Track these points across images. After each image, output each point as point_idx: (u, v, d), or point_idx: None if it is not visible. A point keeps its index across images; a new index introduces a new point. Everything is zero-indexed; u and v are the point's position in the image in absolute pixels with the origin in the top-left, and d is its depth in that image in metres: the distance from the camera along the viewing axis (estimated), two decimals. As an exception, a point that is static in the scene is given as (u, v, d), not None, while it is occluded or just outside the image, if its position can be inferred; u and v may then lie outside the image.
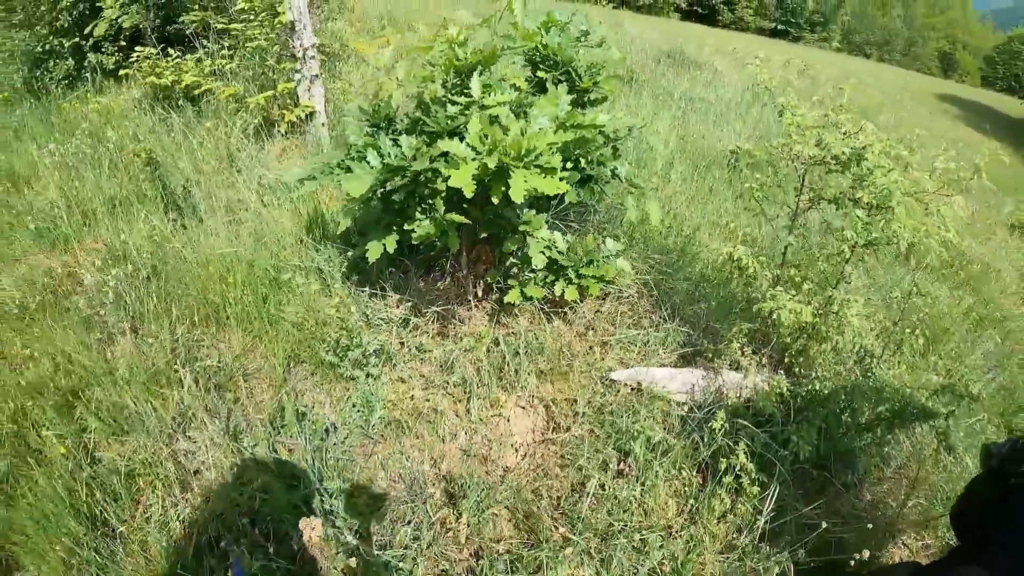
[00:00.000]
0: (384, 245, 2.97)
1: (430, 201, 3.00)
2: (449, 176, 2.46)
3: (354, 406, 2.96)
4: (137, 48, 6.25)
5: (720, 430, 2.70)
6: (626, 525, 2.57)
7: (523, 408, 3.12)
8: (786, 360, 3.24)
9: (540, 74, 3.40)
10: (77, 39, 7.10)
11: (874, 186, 2.81)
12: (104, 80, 6.98)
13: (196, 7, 6.89)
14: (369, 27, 8.39)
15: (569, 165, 3.20)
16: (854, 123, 3.06)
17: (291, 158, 5.01)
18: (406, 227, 2.99)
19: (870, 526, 2.59)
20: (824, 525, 2.44)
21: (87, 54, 7.10)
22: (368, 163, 2.87)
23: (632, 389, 3.14)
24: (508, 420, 3.06)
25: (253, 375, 3.17)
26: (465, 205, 2.97)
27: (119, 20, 6.73)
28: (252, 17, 5.77)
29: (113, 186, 4.62)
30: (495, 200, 2.57)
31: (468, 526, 2.60)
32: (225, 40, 6.39)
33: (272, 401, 3.00)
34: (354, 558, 2.37)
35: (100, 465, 2.79)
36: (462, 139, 2.66)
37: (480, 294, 3.45)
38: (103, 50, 7.07)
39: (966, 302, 4.90)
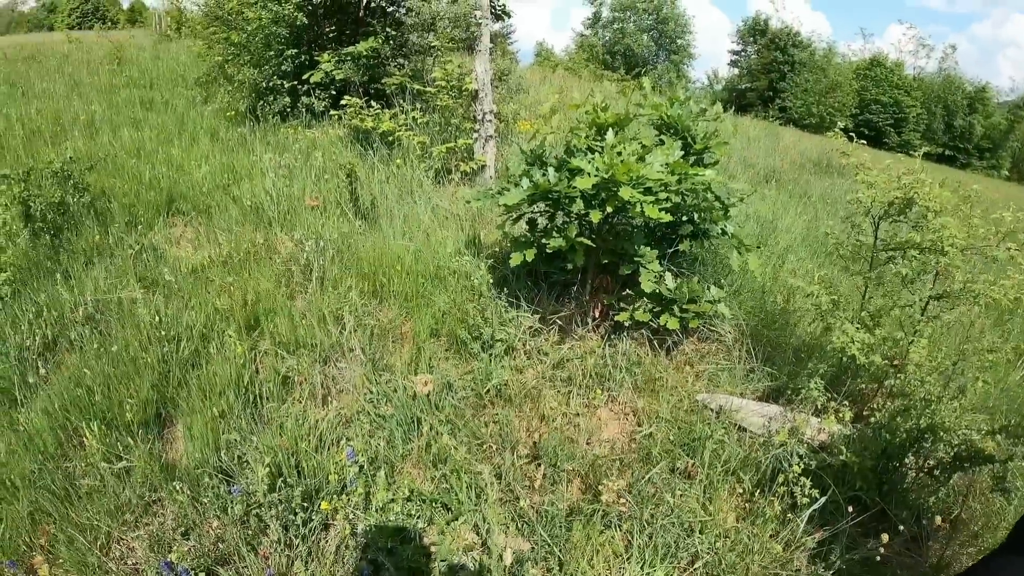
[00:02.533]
0: (524, 256, 3.77)
1: (565, 225, 3.85)
2: (581, 192, 3.33)
3: (474, 377, 3.72)
4: (345, 97, 7.52)
5: (782, 445, 3.03)
6: (681, 514, 2.89)
7: (615, 415, 3.69)
8: (863, 406, 3.50)
9: (663, 138, 4.19)
10: (295, 83, 8.53)
11: (927, 230, 3.16)
12: (313, 119, 8.36)
13: (397, 72, 8.32)
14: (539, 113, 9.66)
15: (684, 218, 3.98)
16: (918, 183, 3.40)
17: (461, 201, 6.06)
18: (543, 240, 3.83)
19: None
20: (879, 553, 2.57)
21: (301, 96, 8.51)
22: (522, 187, 3.75)
23: (714, 413, 3.56)
24: (600, 419, 3.62)
25: (400, 339, 4.03)
26: (592, 237, 3.80)
27: (333, 72, 8.16)
28: (444, 84, 7.08)
29: (317, 190, 5.81)
30: (609, 209, 3.42)
31: (544, 476, 3.18)
32: (418, 102, 7.73)
33: (410, 355, 3.84)
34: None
35: (263, 365, 3.72)
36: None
37: (597, 315, 4.15)
38: (316, 95, 8.43)
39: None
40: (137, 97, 9.29)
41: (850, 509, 2.81)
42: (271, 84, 8.67)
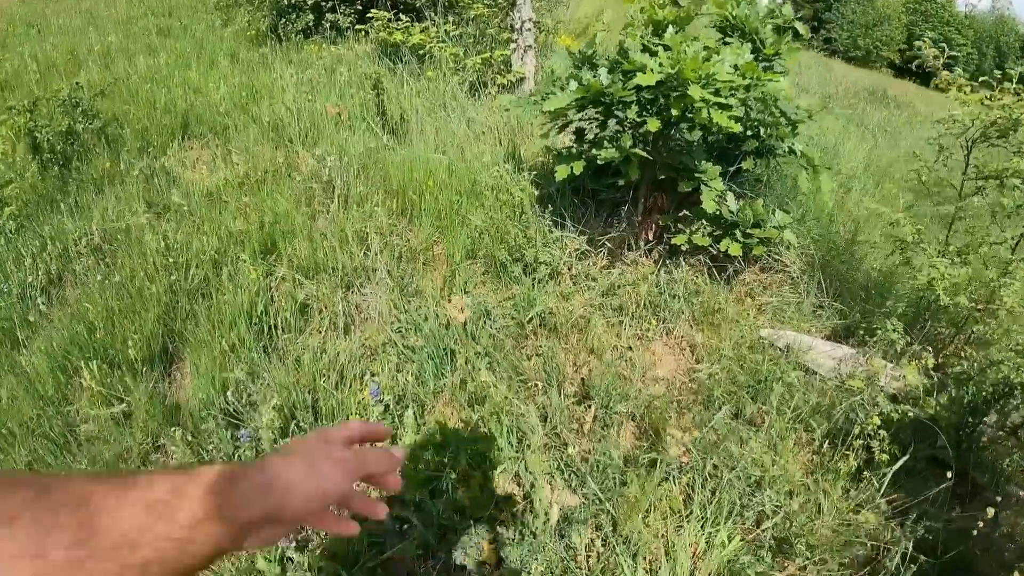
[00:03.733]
0: (571, 168, 3.27)
1: (618, 135, 3.31)
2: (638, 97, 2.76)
3: (515, 304, 3.26)
4: (372, 11, 6.97)
5: (859, 391, 2.65)
6: (747, 466, 2.54)
7: (670, 348, 3.28)
8: (938, 353, 3.11)
9: (728, 40, 3.63)
10: (319, -1, 8.00)
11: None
12: (338, 36, 7.82)
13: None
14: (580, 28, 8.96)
15: (749, 133, 3.42)
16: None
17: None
18: (593, 152, 3.29)
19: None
20: (976, 527, 2.13)
21: (326, 12, 7.92)
22: (569, 89, 3.20)
23: (782, 352, 3.17)
24: (654, 353, 3.23)
25: (432, 262, 3.57)
26: (647, 150, 3.25)
27: (358, -15, 7.56)
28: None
29: (341, 103, 5.30)
30: (674, 112, 2.86)
31: (595, 419, 2.79)
32: (450, 15, 7.07)
33: (443, 279, 3.39)
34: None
35: (279, 293, 3.30)
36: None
37: (651, 238, 3.66)
38: (341, 10, 7.85)
39: None
40: (154, 25, 8.83)
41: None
42: (293, 1, 8.12)
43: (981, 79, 3.25)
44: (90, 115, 5.23)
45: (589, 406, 2.82)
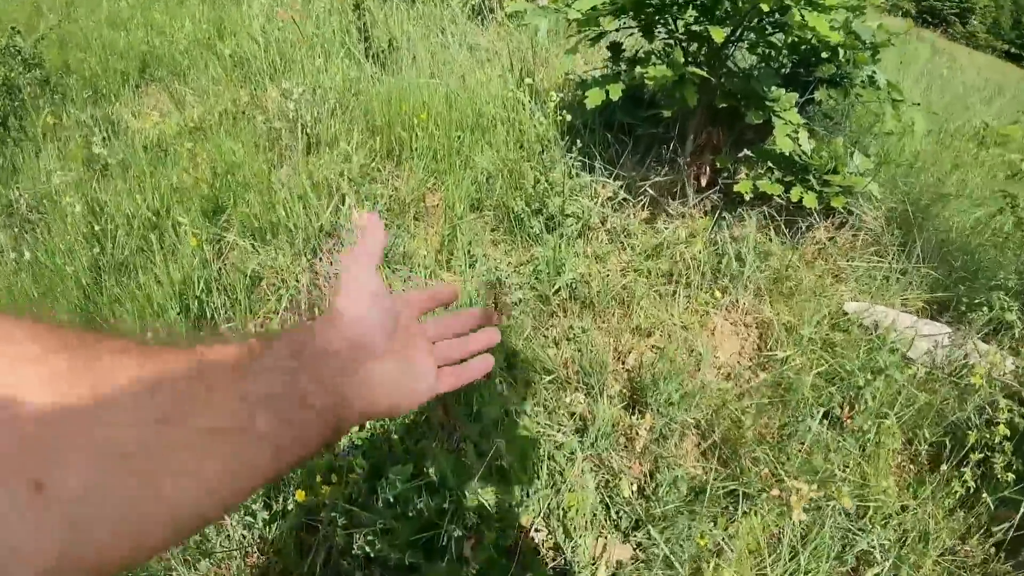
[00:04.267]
0: (607, 93, 2.45)
1: (668, 50, 2.47)
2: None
3: (535, 270, 2.46)
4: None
5: (979, 389, 2.06)
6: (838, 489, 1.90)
7: (732, 325, 2.50)
8: None
9: None
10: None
11: None
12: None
13: None
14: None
15: (825, 56, 2.63)
16: None
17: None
18: (638, 70, 2.45)
19: None
20: None
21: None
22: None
23: (871, 331, 2.44)
24: (713, 333, 2.45)
25: (428, 213, 2.77)
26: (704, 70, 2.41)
27: None
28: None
29: (317, 33, 4.44)
30: (765, 7, 2.02)
31: (650, 431, 2.03)
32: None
33: (440, 239, 2.59)
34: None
35: (226, 264, 2.51)
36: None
37: (704, 184, 2.84)
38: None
39: None
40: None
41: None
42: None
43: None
44: (31, 64, 4.48)
45: (642, 414, 2.05)
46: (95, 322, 2.47)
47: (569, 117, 2.85)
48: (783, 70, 2.86)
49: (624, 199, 2.80)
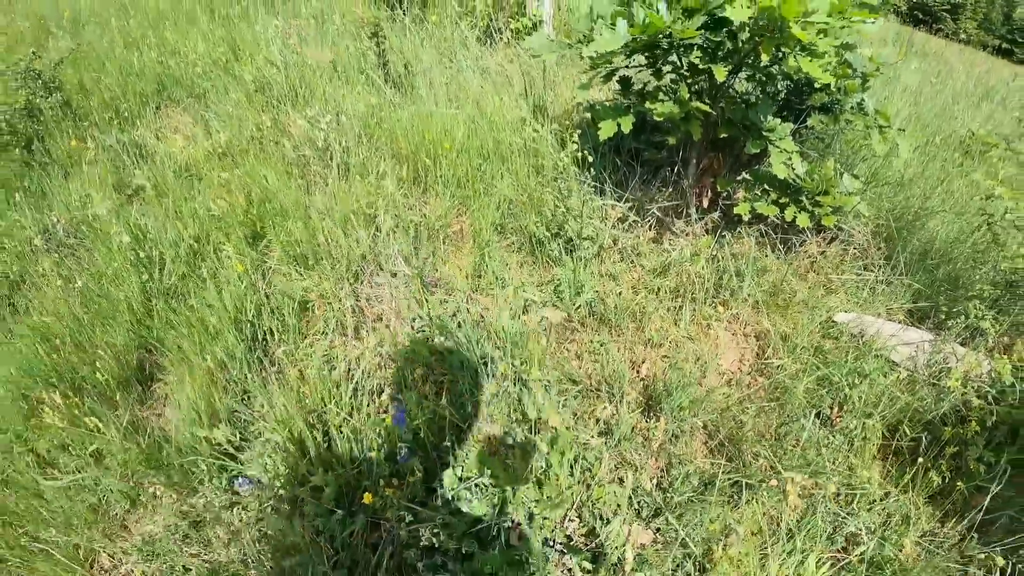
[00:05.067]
0: (619, 124, 2.69)
1: (674, 87, 2.73)
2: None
3: (555, 289, 2.72)
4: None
5: (953, 391, 2.31)
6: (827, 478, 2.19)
7: (733, 336, 2.78)
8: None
9: None
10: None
11: None
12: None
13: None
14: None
15: (818, 86, 2.92)
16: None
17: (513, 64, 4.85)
18: (647, 105, 2.71)
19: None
20: None
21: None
22: (618, 30, 2.59)
23: (856, 338, 2.72)
24: (716, 344, 2.72)
25: (454, 238, 3.02)
26: (707, 102, 2.67)
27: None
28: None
29: (335, 55, 4.64)
30: (765, 58, 2.31)
31: (665, 432, 2.30)
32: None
33: (472, 263, 2.84)
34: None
35: (275, 289, 2.74)
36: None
37: (705, 205, 3.11)
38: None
39: None
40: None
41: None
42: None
43: None
44: (51, 87, 4.62)
45: (657, 416, 2.33)
46: (150, 344, 2.69)
47: (591, 159, 3.10)
48: (778, 97, 3.12)
49: (634, 220, 3.07)
